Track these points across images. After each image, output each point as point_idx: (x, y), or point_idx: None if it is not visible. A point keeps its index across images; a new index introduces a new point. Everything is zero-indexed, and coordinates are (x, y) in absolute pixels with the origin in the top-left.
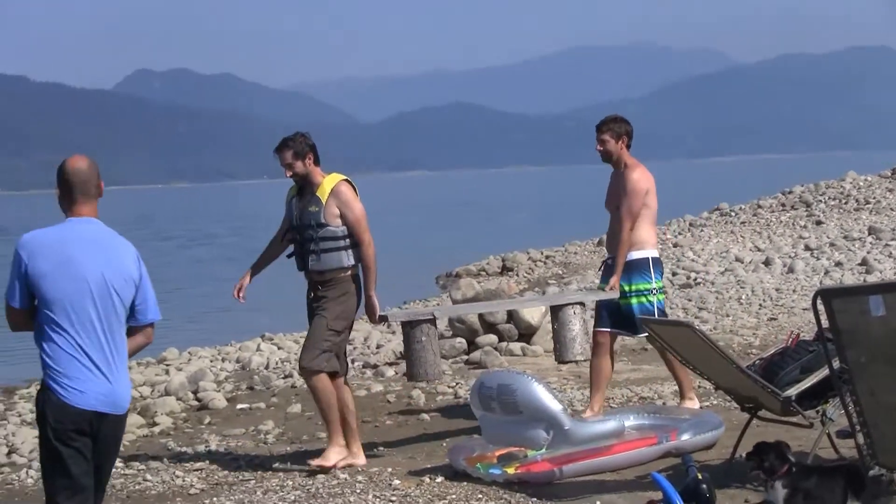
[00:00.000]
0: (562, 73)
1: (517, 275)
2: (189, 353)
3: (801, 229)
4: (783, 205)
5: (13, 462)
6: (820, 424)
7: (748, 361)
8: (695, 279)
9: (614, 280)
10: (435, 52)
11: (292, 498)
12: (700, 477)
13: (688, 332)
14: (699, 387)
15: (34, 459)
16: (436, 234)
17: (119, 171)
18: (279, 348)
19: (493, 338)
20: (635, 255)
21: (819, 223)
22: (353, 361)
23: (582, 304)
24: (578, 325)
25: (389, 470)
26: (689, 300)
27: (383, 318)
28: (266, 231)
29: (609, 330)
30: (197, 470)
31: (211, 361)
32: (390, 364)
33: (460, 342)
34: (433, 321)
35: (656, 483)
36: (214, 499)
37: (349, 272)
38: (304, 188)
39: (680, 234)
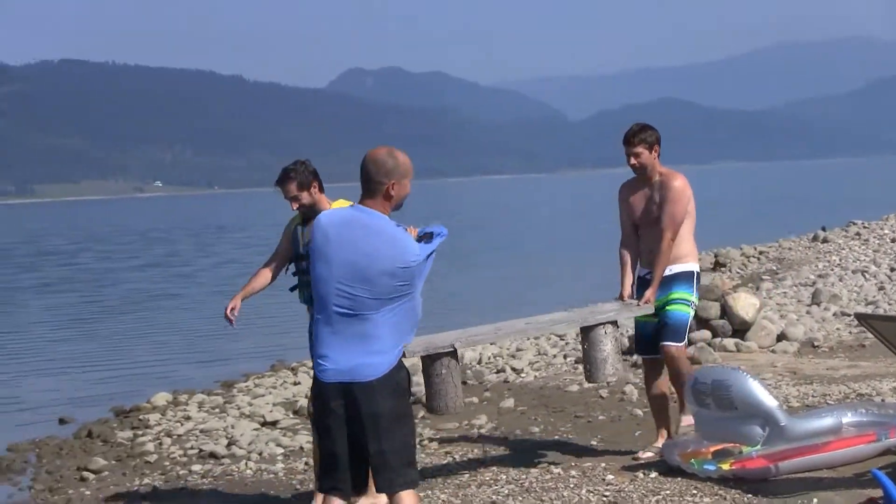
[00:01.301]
0: (767, 69)
1: (730, 270)
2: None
3: None
4: None
5: (233, 454)
6: None
7: None
8: None
9: (649, 293)
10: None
11: (506, 492)
12: None
13: None
14: None
15: (252, 451)
16: None
17: (331, 168)
18: (491, 343)
19: (706, 334)
20: (678, 268)
21: None
22: (565, 357)
23: (614, 323)
24: (610, 346)
25: (603, 465)
26: None
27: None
28: (505, 222)
29: (654, 357)
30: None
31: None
32: None
33: None
34: (454, 353)
35: (877, 480)
36: (429, 492)
37: None
38: (311, 217)
39: None
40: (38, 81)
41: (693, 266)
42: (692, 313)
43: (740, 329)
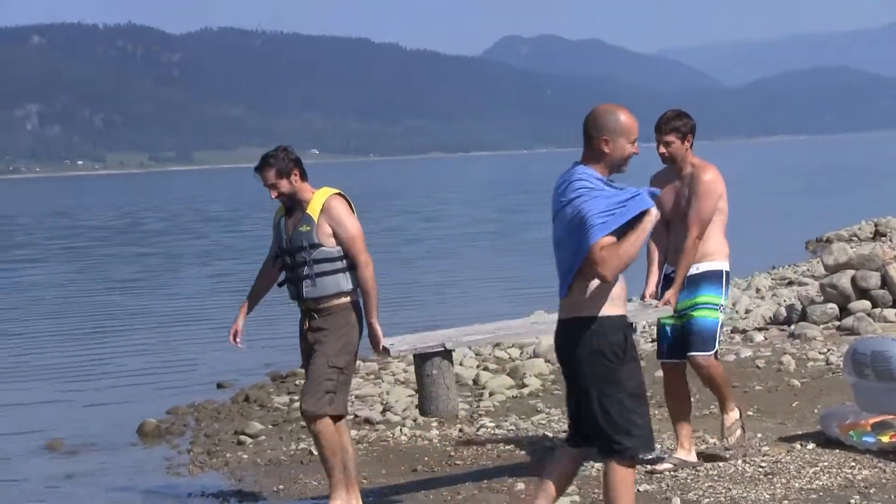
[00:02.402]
0: None
1: (890, 240)
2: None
3: None
4: None
5: (388, 420)
6: None
7: None
8: None
9: (670, 293)
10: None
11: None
12: None
13: None
14: None
15: (407, 417)
16: (803, 199)
17: (484, 137)
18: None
19: (866, 304)
20: (705, 266)
21: None
22: (721, 326)
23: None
24: None
25: (759, 436)
26: None
27: (386, 351)
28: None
29: (676, 361)
30: (566, 431)
31: None
32: (759, 329)
33: (832, 308)
34: (447, 353)
35: None
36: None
37: (348, 298)
38: (293, 207)
39: None
40: (198, 50)
41: (721, 264)
42: (722, 318)
43: None
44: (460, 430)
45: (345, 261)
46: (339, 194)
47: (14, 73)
